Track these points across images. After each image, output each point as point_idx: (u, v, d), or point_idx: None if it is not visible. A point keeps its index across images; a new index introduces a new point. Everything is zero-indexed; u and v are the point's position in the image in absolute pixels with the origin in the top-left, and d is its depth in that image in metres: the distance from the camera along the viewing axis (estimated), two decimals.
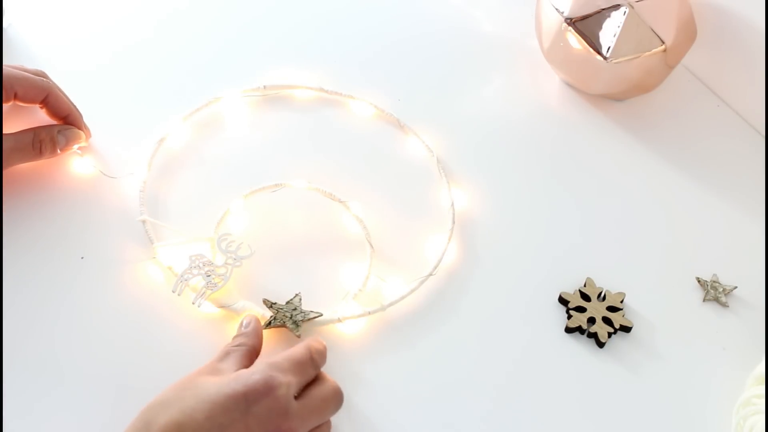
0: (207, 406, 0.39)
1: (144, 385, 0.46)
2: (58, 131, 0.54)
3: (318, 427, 0.43)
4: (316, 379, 0.44)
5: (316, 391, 0.43)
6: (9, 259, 0.50)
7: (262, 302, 0.50)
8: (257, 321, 0.48)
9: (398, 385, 0.49)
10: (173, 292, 0.49)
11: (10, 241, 0.51)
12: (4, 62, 0.54)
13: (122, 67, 0.64)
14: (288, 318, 0.49)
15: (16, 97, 0.52)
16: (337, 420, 0.47)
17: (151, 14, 0.69)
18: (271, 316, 0.49)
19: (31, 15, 0.66)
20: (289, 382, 0.41)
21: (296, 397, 0.42)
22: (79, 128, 0.55)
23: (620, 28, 0.62)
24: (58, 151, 0.54)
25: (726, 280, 0.57)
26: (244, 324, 0.47)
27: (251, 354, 0.46)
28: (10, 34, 0.64)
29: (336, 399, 0.44)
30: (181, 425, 0.39)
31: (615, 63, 0.62)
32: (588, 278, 0.56)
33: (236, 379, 0.41)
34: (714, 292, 0.56)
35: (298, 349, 0.44)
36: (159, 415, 0.39)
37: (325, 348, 0.46)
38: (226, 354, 0.45)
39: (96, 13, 0.68)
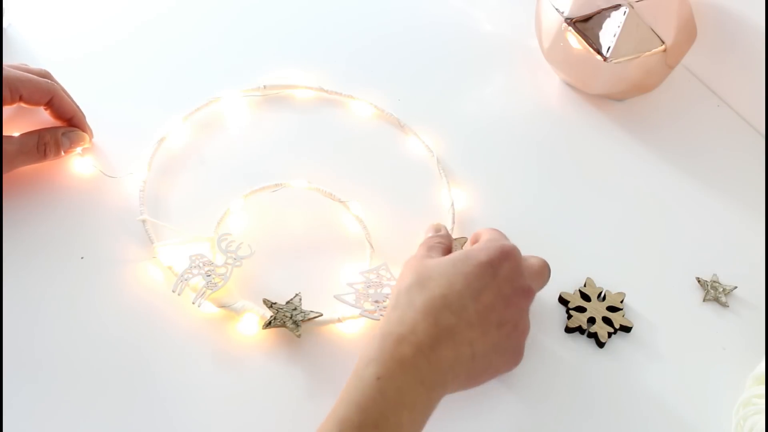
0: (461, 278, 0.44)
1: (144, 385, 0.47)
2: (63, 133, 0.54)
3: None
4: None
5: (532, 260, 0.49)
6: (9, 259, 0.50)
7: (262, 302, 0.50)
8: (446, 228, 0.53)
9: None
10: (173, 291, 0.49)
11: (11, 240, 0.51)
12: (6, 62, 0.54)
13: (122, 67, 0.64)
14: (288, 318, 0.49)
15: (21, 99, 0.52)
16: None
17: (150, 14, 0.69)
18: (271, 316, 0.49)
19: (30, 15, 0.66)
20: (515, 246, 0.47)
21: None
22: (83, 130, 0.56)
23: (620, 28, 0.62)
24: (62, 153, 0.54)
25: (726, 280, 0.57)
26: (435, 229, 0.52)
27: (448, 251, 0.50)
28: (10, 34, 0.64)
29: (548, 268, 0.50)
30: (445, 296, 0.43)
31: (615, 63, 0.62)
32: (588, 278, 0.56)
33: (473, 253, 0.46)
34: (714, 292, 0.56)
35: (487, 229, 0.51)
36: (417, 293, 0.44)
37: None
38: (430, 248, 0.49)
39: (96, 12, 0.68)
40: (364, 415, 0.39)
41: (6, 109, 0.54)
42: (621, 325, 0.53)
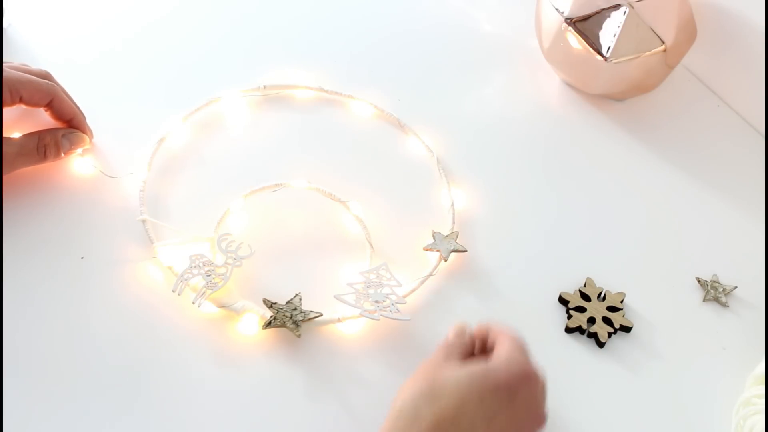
0: (476, 397, 0.41)
1: (144, 385, 0.47)
2: (63, 135, 0.54)
3: None
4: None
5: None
6: (9, 259, 0.50)
7: (262, 302, 0.50)
8: (470, 330, 0.48)
9: (398, 385, 0.49)
10: (173, 291, 0.49)
11: (11, 240, 0.51)
12: (6, 62, 0.54)
13: (122, 67, 0.64)
14: (288, 318, 0.49)
15: (21, 100, 0.52)
16: (337, 420, 0.47)
17: (150, 14, 0.69)
18: (271, 316, 0.49)
19: (31, 15, 0.66)
20: (537, 368, 0.44)
21: None
22: (83, 131, 0.56)
23: (620, 28, 0.62)
24: (62, 154, 0.54)
25: (726, 280, 0.57)
26: (457, 332, 0.47)
27: (468, 355, 0.46)
28: (10, 34, 0.64)
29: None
30: (455, 417, 0.40)
31: (615, 63, 0.62)
32: (588, 278, 0.56)
33: (493, 371, 0.42)
34: (714, 292, 0.56)
35: (509, 338, 0.45)
36: (426, 405, 0.41)
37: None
38: (449, 354, 0.45)
39: (95, 12, 0.68)
40: None
41: (6, 110, 0.54)
42: (621, 325, 0.53)
